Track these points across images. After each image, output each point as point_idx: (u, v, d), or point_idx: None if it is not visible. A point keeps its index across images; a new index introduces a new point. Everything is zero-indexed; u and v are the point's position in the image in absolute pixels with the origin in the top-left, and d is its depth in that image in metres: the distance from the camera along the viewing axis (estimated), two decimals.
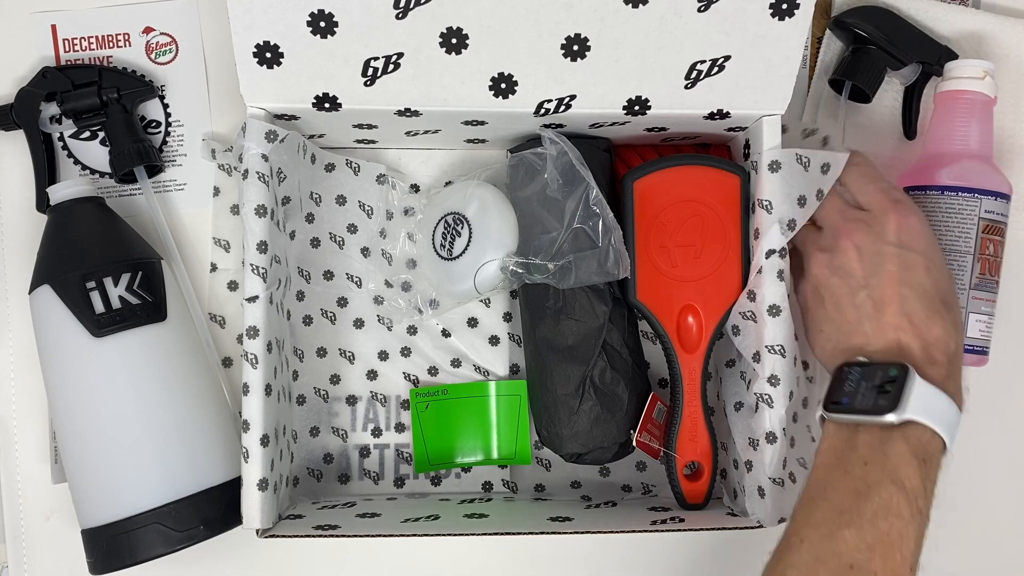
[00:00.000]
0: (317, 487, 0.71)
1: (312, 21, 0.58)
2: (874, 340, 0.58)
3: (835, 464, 0.55)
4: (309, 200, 0.70)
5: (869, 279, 0.59)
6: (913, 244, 0.59)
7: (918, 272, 0.58)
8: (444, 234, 0.68)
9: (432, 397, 0.71)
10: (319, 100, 0.61)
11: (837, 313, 0.60)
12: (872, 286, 0.59)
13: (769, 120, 0.63)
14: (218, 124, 0.73)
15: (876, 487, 0.52)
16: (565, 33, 0.59)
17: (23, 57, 0.72)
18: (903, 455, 0.53)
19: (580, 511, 0.66)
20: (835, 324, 0.60)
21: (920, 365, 0.56)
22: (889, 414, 0.53)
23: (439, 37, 0.59)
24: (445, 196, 0.69)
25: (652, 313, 0.66)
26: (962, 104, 0.69)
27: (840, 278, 0.60)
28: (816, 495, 0.55)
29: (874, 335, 0.58)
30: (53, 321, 0.63)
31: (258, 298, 0.61)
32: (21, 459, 0.71)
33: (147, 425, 0.62)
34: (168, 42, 0.73)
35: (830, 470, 0.55)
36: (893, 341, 0.57)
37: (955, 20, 0.73)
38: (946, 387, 0.55)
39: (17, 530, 0.71)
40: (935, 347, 0.57)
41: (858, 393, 0.55)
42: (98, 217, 0.66)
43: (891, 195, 0.60)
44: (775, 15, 0.59)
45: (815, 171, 0.63)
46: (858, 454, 0.54)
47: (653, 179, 0.66)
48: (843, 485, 0.54)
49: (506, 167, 0.68)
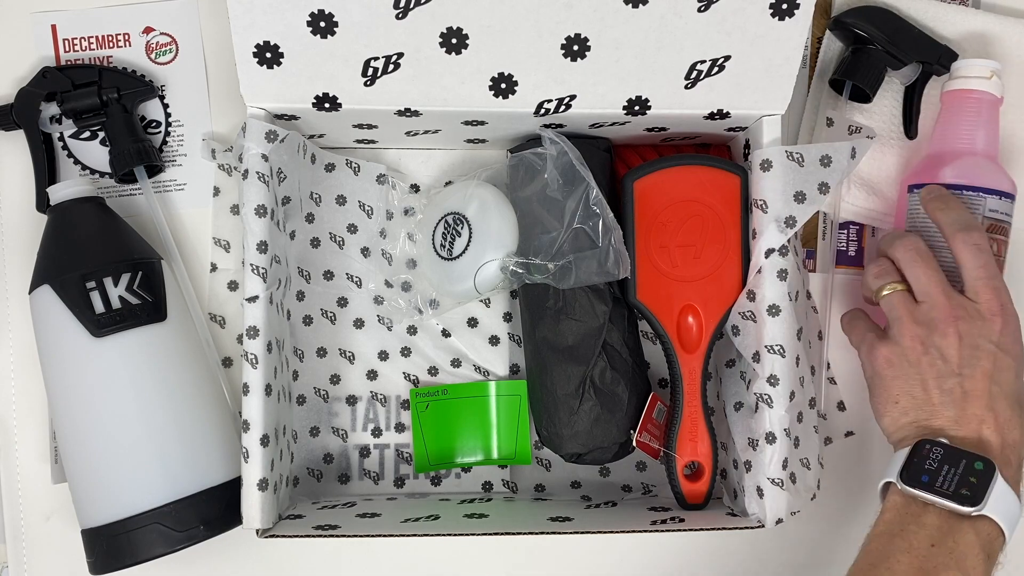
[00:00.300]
0: (317, 487, 0.71)
1: (312, 21, 0.58)
2: (957, 427, 0.60)
3: (899, 536, 0.57)
4: (309, 200, 0.70)
5: (963, 368, 0.60)
6: (1011, 349, 0.61)
7: (1009, 375, 0.60)
8: (444, 234, 0.68)
9: (432, 397, 0.70)
10: (319, 100, 0.61)
11: (921, 391, 0.61)
12: (965, 376, 0.60)
13: (769, 120, 0.63)
14: (218, 124, 0.73)
15: (942, 570, 0.54)
16: (565, 33, 0.59)
17: (23, 57, 0.72)
18: (971, 546, 0.55)
19: (580, 511, 0.66)
20: (915, 401, 0.61)
21: (999, 463, 0.57)
22: (971, 507, 0.55)
23: (439, 37, 0.59)
24: (445, 196, 0.69)
25: (652, 313, 0.66)
26: (969, 103, 0.69)
27: (932, 358, 0.61)
28: (878, 563, 0.56)
29: (958, 422, 0.60)
30: (53, 321, 0.63)
31: (258, 298, 0.61)
32: (21, 459, 0.71)
33: (147, 425, 0.62)
34: (168, 42, 0.73)
35: (892, 541, 0.57)
36: (975, 432, 0.59)
37: (955, 20, 0.73)
38: (1016, 489, 0.58)
39: (17, 530, 0.71)
40: (1012, 449, 0.59)
41: (939, 475, 0.57)
42: (98, 217, 0.66)
43: (1001, 298, 0.61)
44: (775, 15, 0.59)
45: (813, 165, 0.63)
46: (925, 533, 0.56)
47: (653, 179, 0.66)
48: (907, 561, 0.55)
49: (506, 167, 0.68)
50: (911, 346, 0.61)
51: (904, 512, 0.58)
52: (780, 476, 0.62)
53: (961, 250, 0.62)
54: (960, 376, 0.60)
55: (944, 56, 0.71)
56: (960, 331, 0.60)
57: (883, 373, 0.63)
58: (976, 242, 0.62)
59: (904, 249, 0.64)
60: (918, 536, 0.56)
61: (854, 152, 0.63)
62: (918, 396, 0.61)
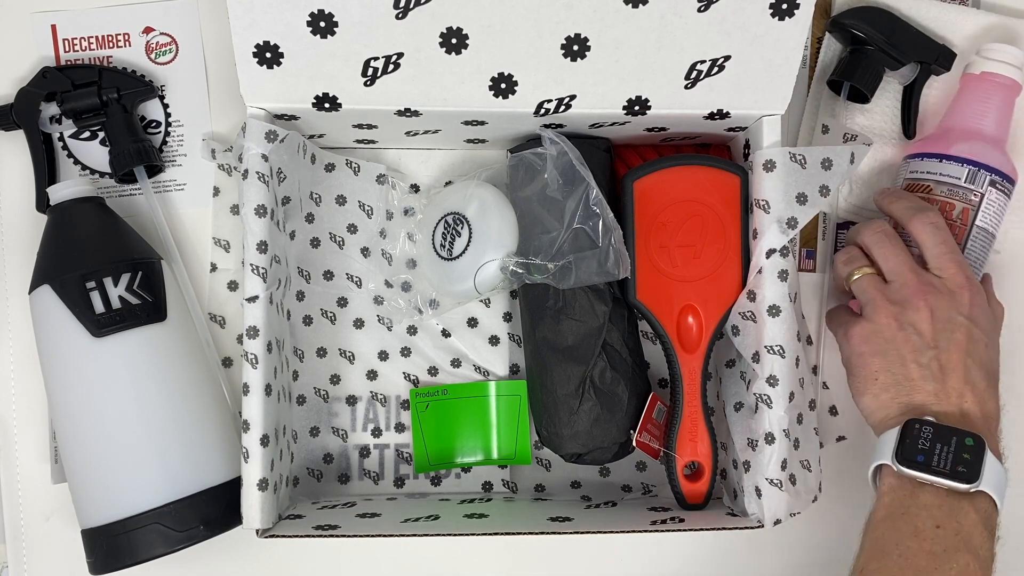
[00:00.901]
0: (317, 487, 0.71)
1: (312, 21, 0.58)
2: (939, 401, 0.60)
3: (902, 520, 0.57)
4: (309, 200, 0.70)
5: (938, 342, 0.61)
6: (980, 321, 0.62)
7: (981, 347, 0.61)
8: (444, 234, 0.68)
9: (432, 397, 0.70)
10: (319, 100, 0.61)
11: (899, 367, 0.62)
12: (941, 349, 0.61)
13: (769, 120, 0.63)
14: (218, 124, 0.73)
15: (953, 553, 0.55)
16: (565, 33, 0.59)
17: (23, 57, 0.72)
18: (975, 524, 0.56)
19: (580, 511, 0.66)
20: (894, 377, 0.62)
21: (983, 436, 0.58)
22: (968, 484, 0.56)
23: (439, 37, 0.59)
24: (445, 196, 0.69)
25: (652, 313, 0.66)
26: (991, 85, 0.69)
27: (907, 334, 0.61)
28: (888, 549, 0.57)
29: (938, 396, 0.60)
30: (53, 321, 0.63)
31: (258, 298, 0.61)
32: (21, 459, 0.71)
33: (147, 425, 0.62)
34: (168, 42, 0.73)
35: (896, 524, 0.57)
36: (956, 406, 0.60)
37: (955, 20, 0.73)
38: (999, 459, 0.59)
39: (17, 530, 0.70)
40: (992, 420, 0.60)
41: (933, 454, 0.57)
42: (98, 217, 0.66)
43: (965, 271, 0.63)
44: (775, 15, 0.59)
45: (814, 168, 0.63)
46: (927, 514, 0.57)
47: (653, 179, 0.66)
48: (916, 546, 0.56)
49: (506, 167, 0.68)
50: (886, 323, 0.62)
51: (901, 493, 0.58)
52: (779, 477, 0.62)
53: (920, 231, 0.64)
54: (936, 349, 0.61)
55: (942, 56, 0.71)
56: (931, 305, 0.61)
57: (860, 351, 0.63)
58: (932, 221, 0.64)
59: (871, 232, 0.65)
60: (920, 518, 0.56)
61: (853, 157, 0.63)
62: (897, 372, 0.61)
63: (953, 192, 0.67)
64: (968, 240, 0.67)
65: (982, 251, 0.68)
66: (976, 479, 0.56)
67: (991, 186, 0.67)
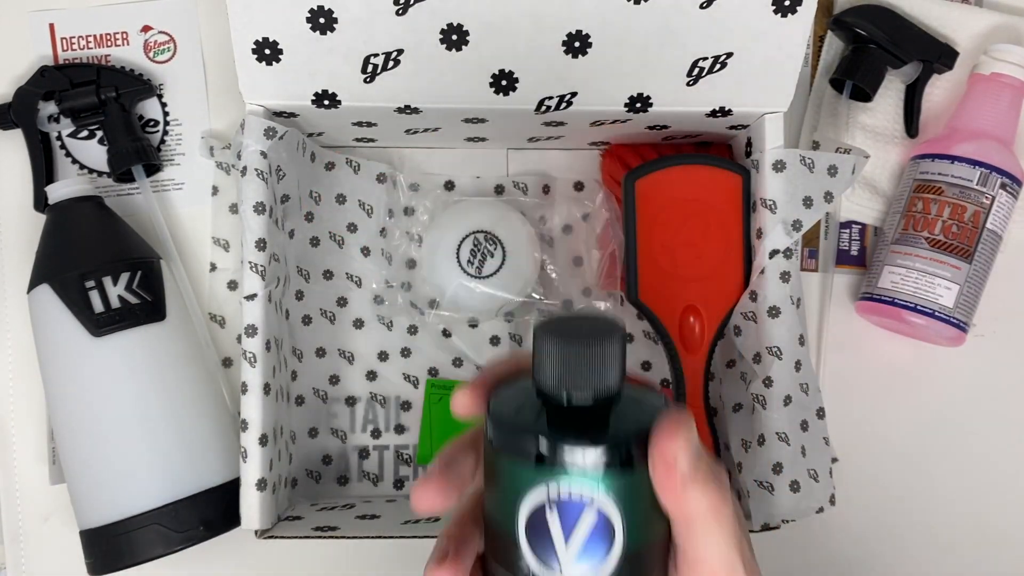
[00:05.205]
0: (316, 488, 0.71)
1: (311, 17, 0.58)
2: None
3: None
4: (308, 198, 0.70)
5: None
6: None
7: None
8: (473, 251, 0.67)
9: (448, 391, 0.70)
10: (318, 97, 0.61)
11: None
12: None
13: (771, 118, 0.63)
14: (217, 123, 0.73)
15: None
16: (566, 30, 0.59)
17: (21, 56, 0.71)
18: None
19: None
20: None
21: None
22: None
23: (439, 34, 0.59)
24: (468, 209, 0.69)
25: (654, 313, 0.65)
26: (998, 87, 0.69)
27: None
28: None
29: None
30: (52, 321, 0.62)
31: (256, 296, 0.61)
32: (19, 460, 0.70)
33: (146, 425, 0.62)
34: (166, 40, 0.72)
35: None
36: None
37: (958, 18, 0.73)
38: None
39: (15, 531, 0.70)
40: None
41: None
42: (97, 216, 0.66)
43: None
44: (777, 12, 0.59)
45: (821, 173, 0.62)
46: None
47: (654, 179, 0.65)
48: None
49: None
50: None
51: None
52: (768, 479, 0.61)
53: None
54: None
55: (945, 55, 0.71)
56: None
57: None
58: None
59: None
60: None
61: (855, 168, 0.63)
62: None
63: (964, 194, 0.67)
64: (979, 244, 0.67)
65: (990, 254, 0.68)
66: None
67: (1001, 188, 0.67)
